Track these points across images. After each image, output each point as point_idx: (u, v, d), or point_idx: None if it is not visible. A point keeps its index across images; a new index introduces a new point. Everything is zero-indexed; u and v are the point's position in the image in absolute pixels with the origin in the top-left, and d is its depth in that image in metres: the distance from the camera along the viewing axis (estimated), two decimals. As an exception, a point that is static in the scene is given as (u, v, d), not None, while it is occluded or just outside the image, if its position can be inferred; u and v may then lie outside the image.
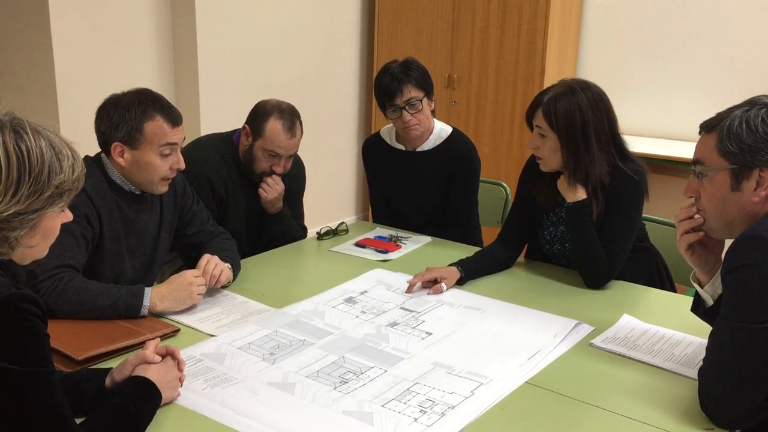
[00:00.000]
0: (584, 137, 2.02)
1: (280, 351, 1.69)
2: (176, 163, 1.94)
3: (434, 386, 1.55)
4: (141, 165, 1.90)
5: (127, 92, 1.92)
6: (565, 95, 2.02)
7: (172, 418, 1.41)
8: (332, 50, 4.71)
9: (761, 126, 1.40)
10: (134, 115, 1.86)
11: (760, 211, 1.44)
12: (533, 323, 1.87)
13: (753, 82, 4.01)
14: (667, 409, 1.47)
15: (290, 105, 2.43)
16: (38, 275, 1.72)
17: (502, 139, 4.38)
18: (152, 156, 1.89)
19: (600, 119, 2.03)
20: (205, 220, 2.21)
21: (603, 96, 2.06)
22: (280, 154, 2.37)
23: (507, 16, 4.23)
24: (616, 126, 2.08)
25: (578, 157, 2.04)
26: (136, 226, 1.99)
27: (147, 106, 1.88)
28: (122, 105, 1.88)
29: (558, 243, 2.23)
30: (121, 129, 1.86)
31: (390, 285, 2.13)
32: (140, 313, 1.79)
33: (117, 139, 1.87)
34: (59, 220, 1.26)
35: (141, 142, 1.88)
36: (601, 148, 2.04)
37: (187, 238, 2.18)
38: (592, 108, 2.02)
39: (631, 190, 2.06)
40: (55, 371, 1.19)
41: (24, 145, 1.15)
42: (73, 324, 1.72)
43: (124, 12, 3.62)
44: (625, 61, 4.43)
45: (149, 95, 1.92)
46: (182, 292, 1.85)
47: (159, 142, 1.89)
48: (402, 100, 2.50)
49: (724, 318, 1.40)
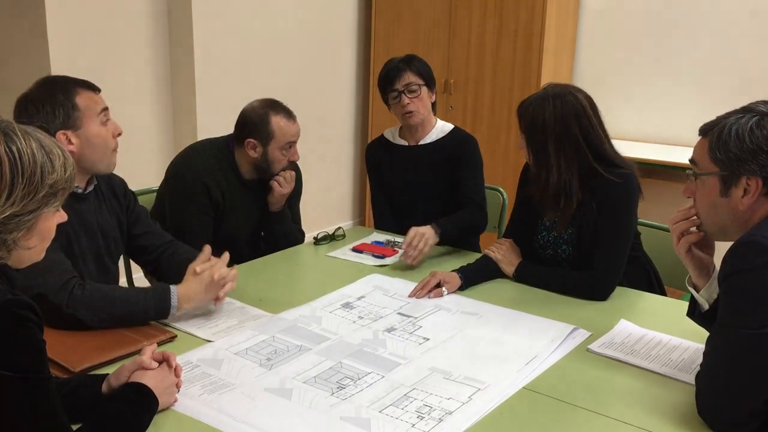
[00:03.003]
0: (543, 143, 2.08)
1: (277, 356, 1.69)
2: (115, 129, 1.91)
3: (432, 392, 1.54)
4: (91, 140, 1.84)
5: (32, 87, 1.86)
6: (536, 101, 2.10)
7: (168, 424, 1.40)
8: (329, 55, 4.72)
9: (749, 136, 1.40)
10: (62, 96, 1.81)
11: (751, 217, 1.44)
12: (530, 329, 1.87)
13: (748, 88, 4.03)
14: (664, 414, 1.47)
15: (271, 98, 2.46)
16: (47, 293, 1.69)
17: (498, 144, 4.39)
18: (96, 127, 1.85)
19: (565, 129, 2.06)
20: (152, 222, 2.15)
21: (577, 105, 2.07)
22: (293, 141, 2.42)
23: (503, 21, 4.24)
24: (593, 134, 2.08)
25: (539, 160, 2.11)
26: (85, 228, 1.92)
27: (66, 84, 1.84)
28: (43, 95, 1.82)
29: (550, 248, 2.24)
30: (58, 115, 1.80)
31: (387, 290, 2.13)
32: (170, 314, 1.80)
33: (58, 128, 1.81)
34: (55, 221, 1.26)
35: (81, 118, 1.83)
36: (565, 155, 2.07)
37: (134, 239, 2.11)
38: (557, 118, 2.06)
39: (616, 194, 2.07)
40: (51, 377, 1.19)
41: (15, 147, 1.15)
42: (69, 332, 1.71)
43: (120, 15, 3.63)
44: (620, 66, 4.45)
45: (58, 77, 1.88)
46: (208, 294, 1.85)
47: (95, 110, 1.85)
48: (401, 84, 2.57)
49: (722, 323, 1.40)
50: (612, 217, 2.08)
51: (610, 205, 2.08)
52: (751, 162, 1.40)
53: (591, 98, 2.14)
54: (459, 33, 4.40)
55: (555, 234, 2.21)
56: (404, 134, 2.72)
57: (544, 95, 2.10)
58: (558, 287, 2.12)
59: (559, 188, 2.10)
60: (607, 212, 2.08)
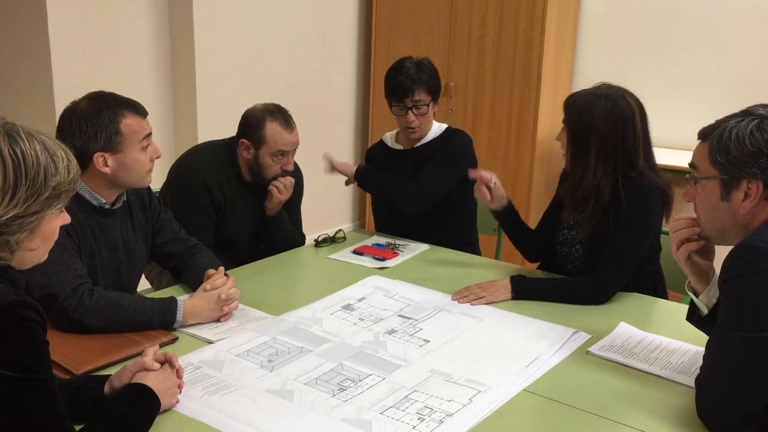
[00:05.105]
0: (586, 142, 2.04)
1: (278, 358, 1.69)
2: (155, 153, 1.93)
3: (432, 394, 1.55)
4: (128, 166, 1.86)
5: (81, 101, 1.87)
6: (586, 96, 2.06)
7: (170, 426, 1.41)
8: (329, 58, 4.72)
9: (749, 139, 1.41)
10: (108, 119, 1.82)
11: (751, 221, 1.44)
12: (531, 331, 1.88)
13: (749, 91, 4.03)
14: (663, 416, 1.48)
15: (276, 104, 2.45)
16: (58, 295, 1.71)
17: (498, 147, 4.39)
18: (136, 153, 1.87)
19: (611, 131, 2.02)
20: (176, 228, 2.18)
21: (627, 111, 2.04)
22: (287, 150, 2.40)
23: (504, 24, 4.25)
24: (634, 141, 2.05)
25: (576, 159, 2.07)
26: (107, 242, 1.95)
27: (115, 107, 1.85)
28: (89, 114, 1.82)
29: (566, 246, 2.24)
30: (100, 138, 1.82)
31: (388, 291, 2.13)
32: (173, 327, 1.81)
33: (97, 150, 1.82)
34: (58, 222, 1.27)
35: (122, 143, 1.84)
36: (605, 159, 2.04)
37: (159, 246, 2.14)
38: (605, 118, 2.02)
39: (635, 205, 2.04)
40: (54, 378, 1.19)
41: (18, 148, 1.16)
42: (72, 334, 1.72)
43: (122, 18, 3.63)
44: (620, 69, 4.45)
45: (108, 96, 1.88)
46: (213, 312, 1.87)
47: (138, 137, 1.87)
48: (410, 100, 2.56)
49: (722, 327, 1.41)
50: (625, 225, 2.05)
51: (626, 215, 2.05)
52: (752, 165, 1.40)
53: (642, 106, 2.10)
54: (459, 36, 4.41)
55: (574, 233, 2.21)
56: (401, 139, 2.73)
57: (597, 93, 2.05)
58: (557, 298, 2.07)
59: (591, 191, 2.06)
60: (622, 220, 2.05)
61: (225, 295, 1.87)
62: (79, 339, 1.71)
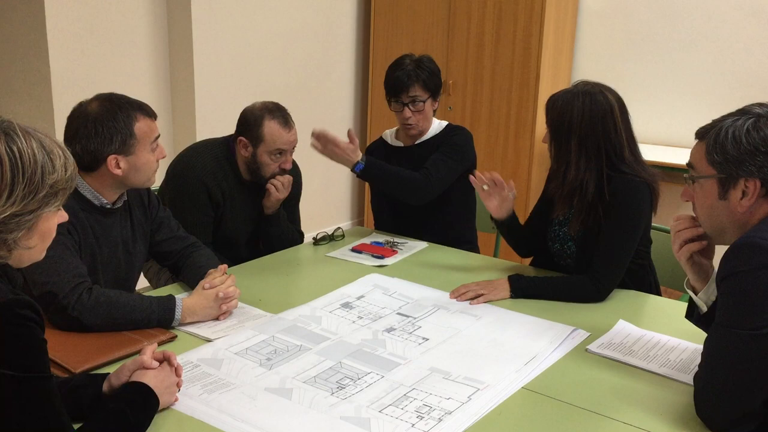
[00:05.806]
0: (567, 137, 2.07)
1: (277, 356, 1.69)
2: (161, 154, 1.94)
3: (431, 392, 1.55)
4: (138, 167, 1.88)
5: (91, 103, 1.86)
6: (565, 96, 2.09)
7: (169, 424, 1.41)
8: (328, 56, 4.72)
9: (746, 137, 1.41)
10: (123, 122, 1.83)
11: (749, 219, 1.45)
12: (529, 329, 1.88)
13: (746, 89, 4.04)
14: (662, 414, 1.48)
15: (275, 102, 2.45)
16: (57, 293, 1.71)
17: (497, 145, 4.39)
18: (147, 155, 1.89)
19: (590, 124, 2.05)
20: (175, 227, 2.18)
21: (605, 106, 2.06)
22: (285, 149, 2.40)
23: (502, 22, 4.25)
24: (617, 137, 2.07)
25: (560, 156, 2.11)
26: (107, 241, 1.96)
27: (129, 110, 1.86)
28: (104, 117, 1.82)
29: (558, 242, 2.25)
30: (115, 141, 1.83)
31: (386, 289, 2.13)
32: (171, 325, 1.81)
33: (111, 152, 1.83)
34: (55, 221, 1.26)
35: (135, 146, 1.86)
36: (587, 153, 2.06)
37: (158, 244, 2.14)
38: (583, 112, 2.05)
39: (622, 199, 2.05)
40: (52, 377, 1.19)
41: (15, 146, 1.15)
42: (70, 332, 1.72)
43: (119, 16, 3.63)
44: (619, 67, 4.45)
45: (121, 98, 1.89)
46: (212, 310, 1.87)
47: (149, 140, 1.89)
48: (406, 96, 2.57)
49: (720, 324, 1.41)
50: (616, 221, 2.06)
51: (615, 209, 2.06)
52: (749, 163, 1.41)
53: (622, 100, 2.11)
54: (458, 34, 4.41)
55: (565, 230, 2.22)
56: (401, 136, 2.74)
57: (575, 91, 2.08)
58: (555, 296, 2.08)
59: (575, 186, 2.09)
60: (612, 216, 2.07)
61: (224, 293, 1.88)
62: (77, 337, 1.71)
